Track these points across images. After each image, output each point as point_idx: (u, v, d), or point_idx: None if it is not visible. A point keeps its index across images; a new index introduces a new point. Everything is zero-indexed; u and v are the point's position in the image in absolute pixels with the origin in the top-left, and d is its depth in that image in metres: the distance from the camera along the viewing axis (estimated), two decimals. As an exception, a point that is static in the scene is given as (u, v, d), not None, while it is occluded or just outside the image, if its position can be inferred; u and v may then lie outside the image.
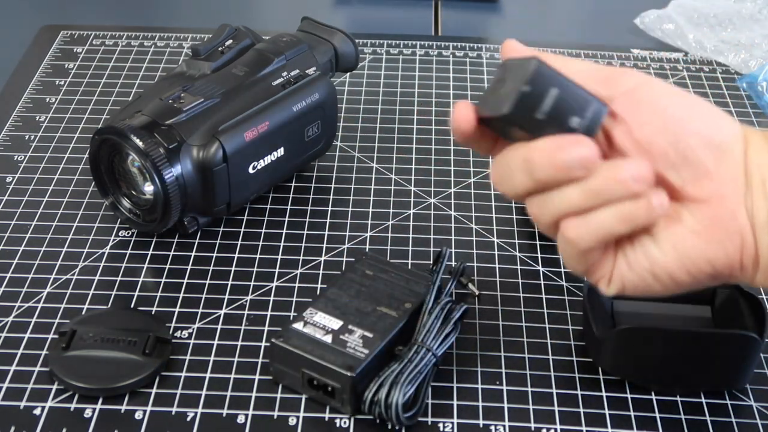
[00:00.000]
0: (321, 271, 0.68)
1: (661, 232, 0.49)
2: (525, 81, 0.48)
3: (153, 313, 0.64)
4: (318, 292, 0.65)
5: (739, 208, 0.48)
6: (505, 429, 0.57)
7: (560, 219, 0.49)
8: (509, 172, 0.49)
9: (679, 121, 0.48)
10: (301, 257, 0.69)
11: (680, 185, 0.48)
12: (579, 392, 0.59)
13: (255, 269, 0.68)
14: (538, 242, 0.70)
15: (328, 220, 0.72)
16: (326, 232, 0.71)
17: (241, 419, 0.57)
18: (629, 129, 0.49)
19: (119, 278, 0.67)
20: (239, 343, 0.62)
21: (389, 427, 0.56)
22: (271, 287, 0.66)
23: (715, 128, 0.49)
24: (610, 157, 0.49)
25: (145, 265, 0.68)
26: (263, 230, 0.71)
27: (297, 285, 0.66)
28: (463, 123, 0.50)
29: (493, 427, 0.57)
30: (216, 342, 0.62)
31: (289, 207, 0.73)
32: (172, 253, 0.69)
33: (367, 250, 0.69)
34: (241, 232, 0.71)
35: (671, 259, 0.49)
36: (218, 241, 0.70)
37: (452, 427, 0.57)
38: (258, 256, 0.69)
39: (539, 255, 0.69)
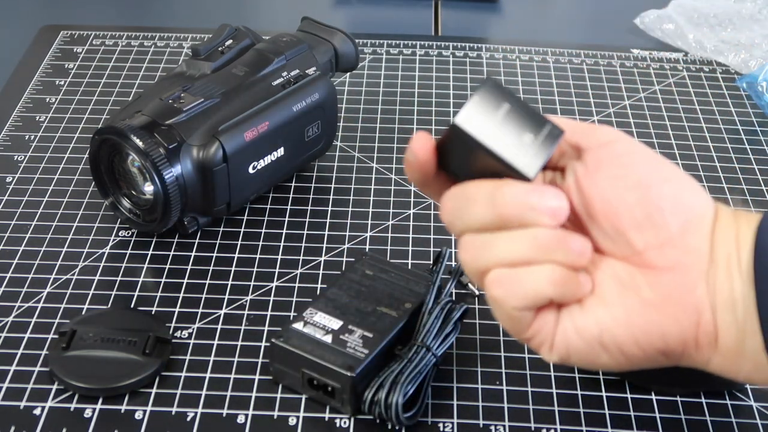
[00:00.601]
0: (321, 271, 0.68)
1: (615, 299, 0.47)
2: (477, 92, 0.47)
3: (153, 313, 0.64)
4: (318, 292, 0.65)
5: (700, 282, 0.46)
6: (505, 429, 0.57)
7: (493, 268, 0.48)
8: (468, 204, 0.48)
9: (651, 181, 0.47)
10: (301, 257, 0.69)
11: (641, 248, 0.47)
12: (579, 392, 0.59)
13: (255, 269, 0.68)
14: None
15: (328, 220, 0.72)
16: (326, 232, 0.71)
17: (241, 419, 0.57)
18: (597, 180, 0.47)
19: (119, 278, 0.67)
20: (239, 343, 0.62)
21: (389, 427, 0.56)
22: (271, 287, 0.66)
23: (686, 196, 0.48)
24: (575, 204, 0.48)
25: (145, 265, 0.68)
26: (263, 230, 0.71)
27: (297, 285, 0.66)
28: (420, 151, 0.49)
29: (493, 427, 0.57)
30: (216, 342, 0.62)
31: (289, 207, 0.73)
32: (172, 253, 0.69)
33: (367, 250, 0.69)
34: (241, 232, 0.71)
35: (622, 328, 0.47)
36: (218, 241, 0.70)
37: (452, 427, 0.57)
38: (258, 256, 0.69)
39: (539, 255, 0.69)
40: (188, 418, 0.57)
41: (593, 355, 0.48)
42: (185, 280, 0.66)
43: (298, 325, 0.58)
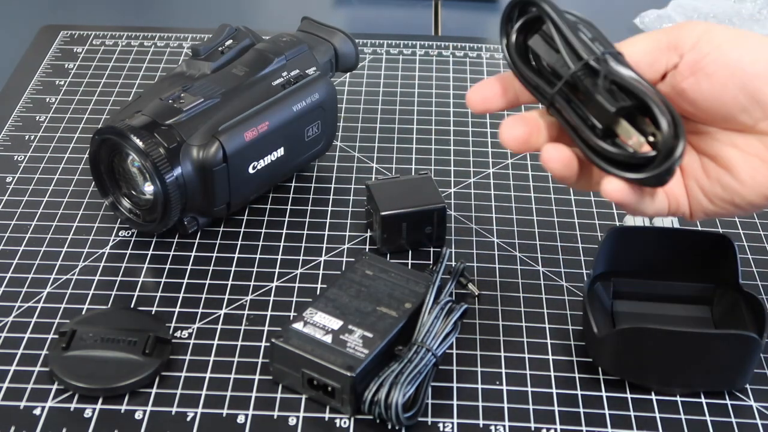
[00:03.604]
0: (321, 271, 0.68)
1: (737, 164, 0.53)
2: None
3: (153, 313, 0.64)
4: (318, 292, 0.65)
5: None
6: (505, 429, 0.57)
7: None
8: None
9: (743, 65, 0.51)
10: (301, 257, 0.69)
11: (752, 124, 0.52)
12: (579, 392, 0.59)
13: (255, 269, 0.68)
14: (538, 242, 0.70)
15: (328, 220, 0.72)
16: (326, 232, 0.71)
17: (241, 419, 0.57)
18: (698, 81, 0.52)
19: (119, 278, 0.67)
20: (239, 343, 0.62)
21: (389, 427, 0.56)
22: (271, 287, 0.66)
23: None
24: (681, 109, 0.52)
25: (145, 265, 0.68)
26: (263, 230, 0.71)
27: (297, 285, 0.66)
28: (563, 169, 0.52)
29: (493, 427, 0.57)
30: (216, 342, 0.62)
31: (289, 207, 0.73)
32: (172, 253, 0.69)
33: (367, 250, 0.69)
34: (241, 232, 0.71)
35: (749, 189, 0.53)
36: (218, 241, 0.70)
37: (452, 427, 0.57)
38: (258, 256, 0.69)
39: (539, 255, 0.69)
40: (188, 418, 0.57)
41: (729, 213, 0.55)
42: (185, 280, 0.66)
43: (298, 325, 0.58)
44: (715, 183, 0.54)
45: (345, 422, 0.57)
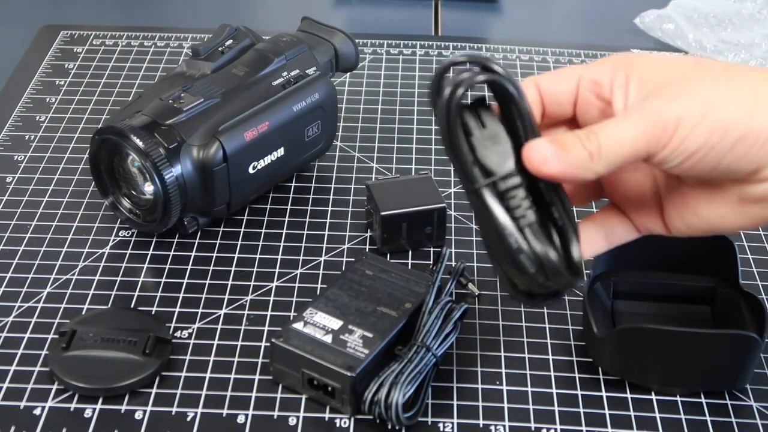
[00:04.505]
0: (321, 271, 0.68)
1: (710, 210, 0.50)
2: None
3: (153, 313, 0.64)
4: (318, 292, 0.65)
5: None
6: (505, 429, 0.57)
7: None
8: None
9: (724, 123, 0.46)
10: (301, 257, 0.69)
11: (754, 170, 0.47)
12: (579, 392, 0.59)
13: (255, 269, 0.68)
14: (538, 242, 0.70)
15: (328, 220, 0.72)
16: (326, 232, 0.71)
17: (241, 419, 0.57)
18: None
19: (119, 278, 0.67)
20: (239, 343, 0.62)
21: (389, 427, 0.56)
22: (271, 287, 0.66)
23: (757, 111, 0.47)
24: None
25: (145, 265, 0.68)
26: (263, 230, 0.71)
27: (297, 285, 0.66)
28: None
29: (493, 427, 0.57)
30: (216, 342, 0.62)
31: (289, 207, 0.73)
32: (172, 253, 0.69)
33: (367, 250, 0.69)
34: (241, 232, 0.71)
35: (730, 222, 0.50)
36: (218, 241, 0.70)
37: (452, 427, 0.57)
38: (258, 256, 0.69)
39: (539, 255, 0.69)
40: (188, 418, 0.57)
41: (710, 233, 0.51)
42: (185, 280, 0.66)
43: (298, 325, 0.58)
44: (692, 214, 0.50)
45: (345, 422, 0.57)
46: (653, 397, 0.59)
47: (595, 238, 0.52)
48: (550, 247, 0.46)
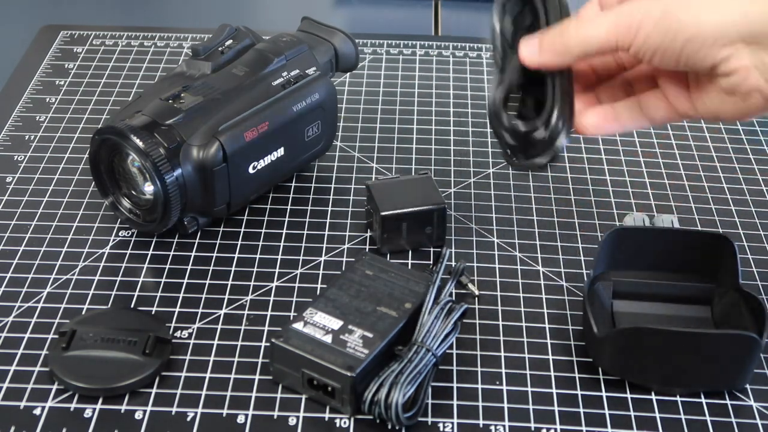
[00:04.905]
0: (321, 271, 0.68)
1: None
2: None
3: (153, 313, 0.64)
4: (318, 292, 0.65)
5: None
6: (505, 429, 0.57)
7: None
8: None
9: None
10: (301, 257, 0.69)
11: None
12: (579, 392, 0.59)
13: (255, 269, 0.68)
14: (538, 242, 0.70)
15: (328, 220, 0.72)
16: (326, 232, 0.71)
17: (241, 419, 0.57)
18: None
19: (119, 278, 0.67)
20: (239, 343, 0.62)
21: (389, 427, 0.56)
22: (271, 287, 0.66)
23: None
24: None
25: (145, 265, 0.68)
26: (263, 230, 0.71)
27: (297, 285, 0.66)
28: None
29: (493, 427, 0.57)
30: (216, 342, 0.62)
31: (289, 207, 0.73)
32: (172, 253, 0.69)
33: (367, 250, 0.69)
34: (241, 232, 0.71)
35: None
36: (218, 241, 0.70)
37: (452, 427, 0.57)
38: (258, 256, 0.69)
39: (539, 255, 0.69)
40: (188, 418, 0.57)
41: (719, 119, 0.57)
42: (185, 280, 0.66)
43: (298, 325, 0.58)
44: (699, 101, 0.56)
45: (345, 422, 0.57)
46: (653, 397, 0.59)
47: (622, 114, 0.59)
48: (519, 121, 0.57)
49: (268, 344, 0.61)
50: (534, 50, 0.57)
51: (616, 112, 0.59)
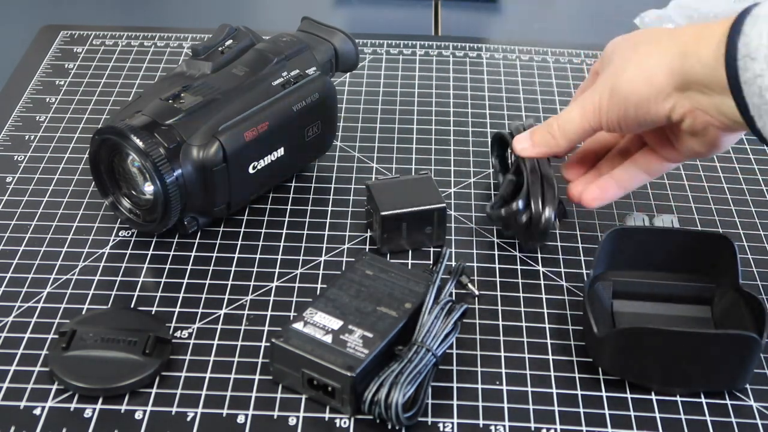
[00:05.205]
0: (321, 271, 0.68)
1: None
2: None
3: (153, 313, 0.64)
4: (318, 292, 0.65)
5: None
6: (505, 429, 0.57)
7: None
8: None
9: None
10: (301, 257, 0.69)
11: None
12: (579, 392, 0.59)
13: (255, 269, 0.68)
14: (537, 242, 0.70)
15: (328, 220, 0.72)
16: (326, 232, 0.71)
17: (241, 419, 0.57)
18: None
19: (119, 278, 0.67)
20: (239, 343, 0.62)
21: (389, 427, 0.56)
22: (271, 287, 0.66)
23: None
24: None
25: (145, 265, 0.68)
26: (263, 230, 0.71)
27: (297, 285, 0.66)
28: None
29: (493, 427, 0.57)
30: (216, 342, 0.62)
31: (289, 207, 0.73)
32: (172, 253, 0.69)
33: (367, 250, 0.69)
34: (241, 232, 0.71)
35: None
36: (218, 241, 0.70)
37: (452, 427, 0.57)
38: (258, 256, 0.69)
39: (539, 255, 0.69)
40: (188, 418, 0.57)
41: (697, 157, 0.64)
42: (185, 280, 0.66)
43: (298, 325, 0.58)
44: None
45: (345, 422, 0.57)
46: (653, 397, 0.59)
47: (621, 177, 0.66)
48: (500, 209, 0.67)
49: (268, 344, 0.61)
50: (526, 145, 0.65)
51: (615, 179, 0.65)
